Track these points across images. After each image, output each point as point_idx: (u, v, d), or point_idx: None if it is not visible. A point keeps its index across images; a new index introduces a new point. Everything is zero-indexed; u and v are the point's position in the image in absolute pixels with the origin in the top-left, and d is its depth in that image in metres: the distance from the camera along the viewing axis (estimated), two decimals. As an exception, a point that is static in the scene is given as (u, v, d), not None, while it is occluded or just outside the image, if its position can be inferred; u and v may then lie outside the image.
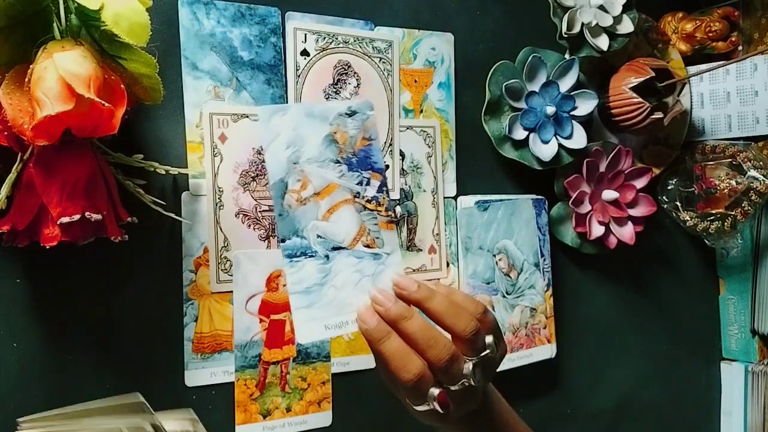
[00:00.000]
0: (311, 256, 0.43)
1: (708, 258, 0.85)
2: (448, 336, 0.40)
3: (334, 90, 0.61)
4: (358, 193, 0.44)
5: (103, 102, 0.40)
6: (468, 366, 0.39)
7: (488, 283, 0.66)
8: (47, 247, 0.43)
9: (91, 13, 0.42)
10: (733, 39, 0.78)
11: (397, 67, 0.64)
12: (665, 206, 0.80)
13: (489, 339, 0.41)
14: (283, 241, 0.42)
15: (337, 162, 0.44)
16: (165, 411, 0.48)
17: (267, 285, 0.57)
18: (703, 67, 0.76)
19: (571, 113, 0.68)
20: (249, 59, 0.57)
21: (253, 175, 0.57)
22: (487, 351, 0.40)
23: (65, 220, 0.42)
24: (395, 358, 0.38)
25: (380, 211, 0.45)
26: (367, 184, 0.45)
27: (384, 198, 0.45)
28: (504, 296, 0.67)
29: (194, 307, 0.55)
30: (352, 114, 0.45)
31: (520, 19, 0.71)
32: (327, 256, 0.43)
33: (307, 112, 0.43)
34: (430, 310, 0.40)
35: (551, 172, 0.70)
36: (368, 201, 0.45)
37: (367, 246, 0.44)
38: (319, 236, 0.43)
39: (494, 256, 0.67)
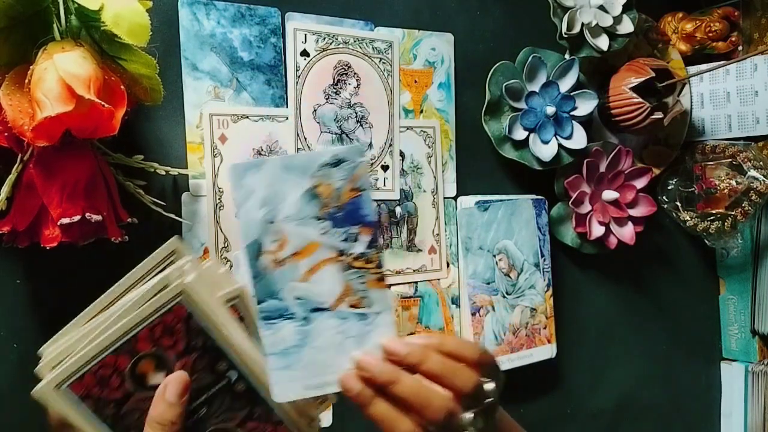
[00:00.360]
0: (289, 318, 0.40)
1: (708, 258, 0.85)
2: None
3: (334, 90, 0.61)
4: (343, 250, 0.40)
5: (103, 103, 0.40)
6: (469, 416, 0.37)
7: (488, 283, 0.66)
8: (47, 248, 0.43)
9: (91, 14, 0.42)
10: (733, 39, 0.78)
11: (397, 68, 0.64)
12: (665, 206, 0.80)
13: (491, 386, 0.39)
14: (259, 303, 0.39)
15: (320, 219, 0.40)
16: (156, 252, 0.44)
17: (267, 285, 0.57)
18: (703, 67, 0.76)
19: (571, 113, 0.68)
20: (249, 60, 0.57)
21: (253, 175, 0.57)
22: (490, 399, 0.38)
23: (65, 220, 0.42)
24: (384, 421, 0.37)
25: (369, 269, 0.40)
26: (355, 240, 0.40)
27: (375, 254, 0.40)
28: (504, 296, 0.67)
29: (194, 307, 0.55)
30: (338, 163, 0.39)
31: (520, 19, 0.71)
32: (306, 318, 0.40)
33: (285, 165, 0.39)
34: (426, 372, 0.38)
35: (551, 173, 0.70)
36: (355, 258, 0.40)
37: (353, 306, 0.40)
38: (298, 298, 0.40)
39: (494, 256, 0.67)
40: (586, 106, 0.69)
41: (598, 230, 0.71)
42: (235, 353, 0.37)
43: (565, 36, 0.68)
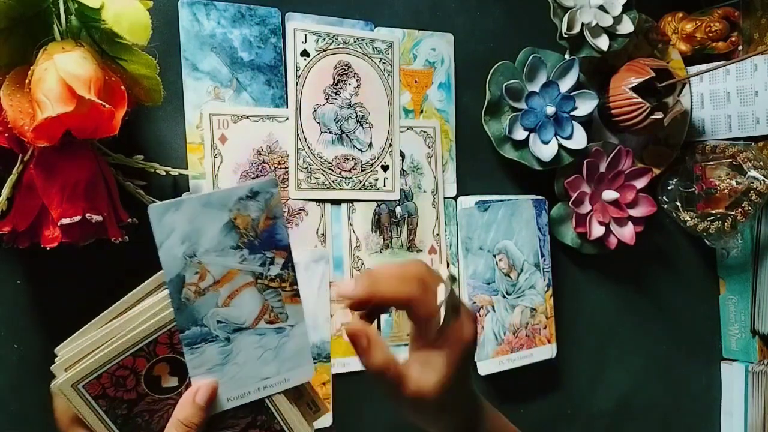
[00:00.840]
0: (211, 341, 0.42)
1: (708, 258, 0.85)
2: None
3: (334, 90, 0.61)
4: (261, 273, 0.43)
5: (103, 103, 0.40)
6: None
7: (488, 284, 0.66)
8: (48, 249, 0.43)
9: (91, 13, 0.42)
10: (733, 39, 0.78)
11: (397, 68, 0.64)
12: (665, 206, 0.80)
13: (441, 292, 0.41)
14: (182, 332, 0.41)
15: (238, 247, 0.42)
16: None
17: (267, 286, 0.57)
18: (703, 67, 0.76)
19: (571, 113, 0.68)
20: (249, 60, 0.57)
21: (253, 175, 0.57)
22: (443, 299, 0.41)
23: (66, 221, 0.42)
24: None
25: (284, 287, 0.44)
26: (271, 263, 0.43)
27: (289, 274, 0.43)
28: (504, 296, 0.67)
29: (195, 307, 0.55)
30: (254, 196, 0.42)
31: (520, 19, 0.71)
32: (228, 338, 0.42)
33: (204, 202, 0.41)
34: (383, 298, 0.41)
35: (551, 173, 0.70)
36: (272, 280, 0.43)
37: (270, 322, 0.44)
38: (219, 321, 0.42)
39: (494, 256, 0.67)
40: (586, 106, 0.69)
41: (598, 230, 0.71)
42: None
43: (565, 36, 0.68)
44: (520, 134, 0.67)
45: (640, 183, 0.72)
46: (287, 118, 0.59)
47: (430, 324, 0.41)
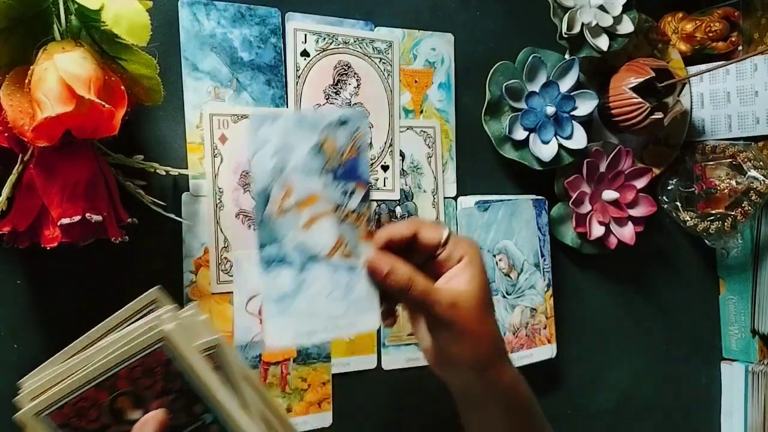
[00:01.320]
0: (287, 265, 0.42)
1: (708, 258, 0.85)
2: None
3: (334, 90, 0.61)
4: (340, 204, 0.44)
5: (103, 103, 0.40)
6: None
7: (489, 283, 0.66)
8: (48, 249, 0.43)
9: (91, 14, 0.42)
10: (733, 39, 0.78)
11: (397, 68, 0.64)
12: (665, 206, 0.80)
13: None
14: (261, 248, 0.42)
15: (323, 172, 0.43)
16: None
17: (267, 285, 0.57)
18: (703, 67, 0.76)
19: (571, 113, 0.68)
20: (249, 60, 0.57)
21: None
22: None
23: (66, 221, 0.42)
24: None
25: (360, 223, 0.44)
26: (351, 195, 0.44)
27: (365, 210, 0.44)
28: (504, 296, 0.67)
29: (195, 307, 0.55)
30: (343, 123, 0.43)
31: (520, 19, 0.71)
32: (302, 266, 0.43)
33: (298, 120, 0.42)
34: (397, 229, 0.44)
35: (551, 173, 0.70)
36: (350, 213, 0.44)
37: (344, 258, 0.44)
38: (296, 246, 0.43)
39: (494, 256, 0.67)
40: (586, 106, 0.69)
41: (598, 230, 0.71)
42: (211, 398, 0.38)
43: (565, 36, 0.68)
44: (520, 134, 0.67)
45: (640, 183, 0.72)
46: (287, 118, 0.59)
47: (436, 246, 0.44)
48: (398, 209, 0.63)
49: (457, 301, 0.43)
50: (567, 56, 0.70)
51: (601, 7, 0.69)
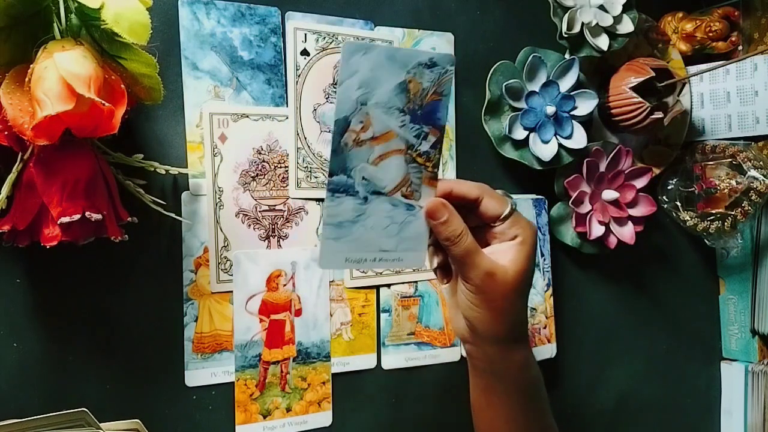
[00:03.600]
0: (351, 195, 0.44)
1: (708, 258, 0.85)
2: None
3: (334, 90, 0.61)
4: (413, 145, 0.45)
5: (103, 102, 0.40)
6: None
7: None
8: (47, 247, 0.43)
9: (91, 13, 0.42)
10: (733, 39, 0.78)
11: (397, 67, 0.64)
12: (665, 206, 0.80)
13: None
14: (331, 175, 0.43)
15: (402, 111, 0.44)
16: (111, 422, 0.49)
17: (267, 285, 0.57)
18: (703, 67, 0.76)
19: (571, 113, 0.68)
20: (249, 59, 0.57)
21: (253, 174, 0.57)
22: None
23: (65, 219, 0.42)
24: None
25: (428, 167, 0.46)
26: (424, 138, 0.45)
27: (435, 154, 0.46)
28: None
29: (194, 307, 0.55)
30: (431, 65, 0.44)
31: (520, 19, 0.71)
32: (366, 198, 0.45)
33: (389, 55, 0.43)
34: (461, 191, 0.47)
35: (551, 172, 0.70)
36: (419, 155, 0.45)
37: (405, 196, 0.46)
38: (364, 178, 0.44)
39: None
40: (586, 105, 0.69)
41: (598, 230, 0.71)
42: None
43: (565, 36, 0.68)
44: (520, 134, 0.67)
45: (640, 183, 0.72)
46: (287, 117, 0.59)
47: (494, 217, 0.46)
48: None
49: (495, 273, 0.44)
50: (567, 56, 0.70)
51: (601, 7, 0.69)
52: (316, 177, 0.60)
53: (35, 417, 0.43)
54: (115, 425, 0.48)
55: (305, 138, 0.59)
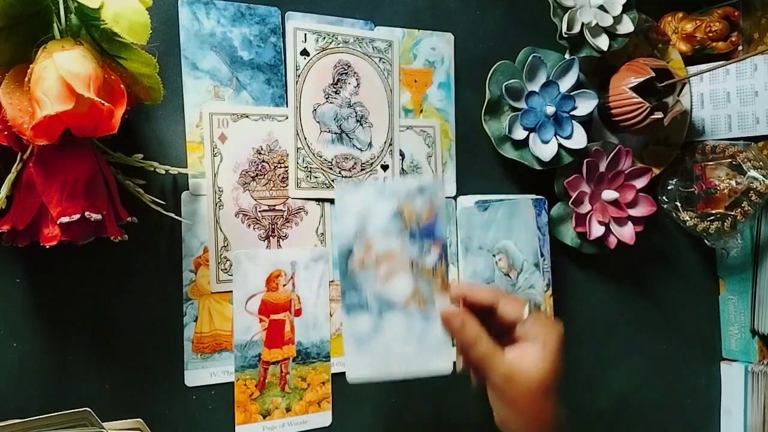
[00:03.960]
0: (366, 311, 0.47)
1: (708, 258, 0.85)
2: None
3: (334, 90, 0.61)
4: (417, 260, 0.48)
5: (102, 102, 0.40)
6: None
7: (488, 283, 0.66)
8: (47, 247, 0.43)
9: (91, 13, 0.42)
10: (733, 39, 0.78)
11: (397, 67, 0.64)
12: (665, 206, 0.79)
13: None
14: (343, 294, 0.47)
15: (401, 234, 0.48)
16: (114, 422, 0.49)
17: (267, 285, 0.57)
18: (703, 67, 0.76)
19: (571, 113, 0.68)
20: (249, 59, 0.57)
21: (252, 175, 0.57)
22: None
23: (65, 219, 0.42)
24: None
25: (435, 278, 0.48)
26: (428, 252, 0.48)
27: (441, 266, 0.48)
28: None
29: (194, 307, 0.55)
30: (421, 191, 0.48)
31: (520, 19, 0.71)
32: (380, 313, 0.47)
33: (378, 190, 0.48)
34: (476, 296, 0.48)
35: (551, 172, 0.70)
36: (425, 268, 0.48)
37: (419, 307, 0.48)
38: (375, 295, 0.47)
39: (494, 256, 0.67)
40: (586, 105, 0.69)
41: (597, 230, 0.71)
42: None
43: (565, 36, 0.68)
44: (519, 134, 0.67)
45: (640, 183, 0.72)
46: (287, 118, 0.59)
47: (514, 322, 0.46)
48: (398, 209, 0.63)
49: (514, 377, 0.44)
50: (567, 56, 0.70)
51: (601, 7, 0.69)
52: (315, 177, 0.60)
53: (38, 417, 0.43)
54: (118, 425, 0.48)
55: (305, 138, 0.59)
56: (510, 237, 0.68)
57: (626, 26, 0.70)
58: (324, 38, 0.60)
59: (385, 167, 0.63)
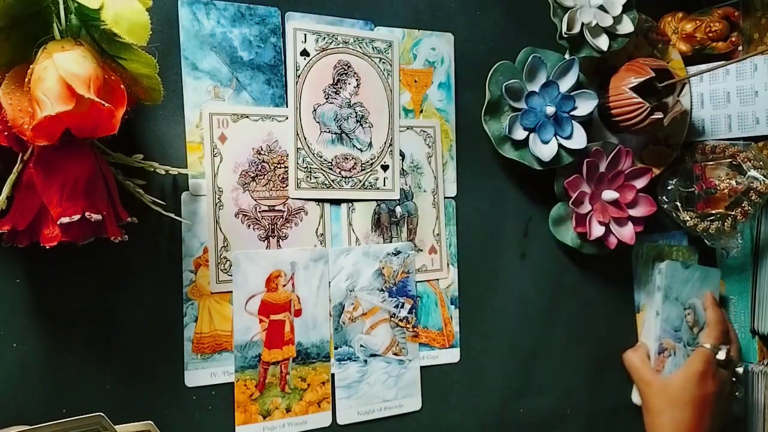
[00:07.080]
0: (354, 361, 0.58)
1: (708, 258, 0.85)
2: None
3: (334, 90, 0.61)
4: (394, 313, 0.60)
5: (103, 102, 0.40)
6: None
7: (676, 331, 0.75)
8: (47, 248, 0.43)
9: (91, 13, 0.42)
10: (733, 39, 0.78)
11: (397, 67, 0.64)
12: (665, 206, 0.79)
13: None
14: (336, 348, 0.58)
15: (382, 290, 0.59)
16: (125, 424, 0.49)
17: (267, 285, 0.57)
18: (703, 67, 0.76)
19: (571, 113, 0.68)
20: (249, 59, 0.57)
21: (252, 175, 0.57)
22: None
23: (65, 220, 0.42)
24: None
25: (408, 328, 0.61)
26: (402, 307, 0.60)
27: (412, 318, 0.61)
28: (685, 346, 0.75)
29: (194, 307, 0.55)
30: (397, 253, 0.60)
31: (520, 19, 0.71)
32: (365, 361, 0.59)
33: (365, 252, 0.59)
34: None
35: (551, 173, 0.70)
36: (400, 320, 0.60)
37: (395, 354, 0.60)
38: (361, 345, 0.58)
39: (685, 309, 0.76)
40: (586, 106, 0.69)
41: (598, 230, 0.71)
42: None
43: (565, 36, 0.68)
44: (519, 134, 0.67)
45: (640, 183, 0.72)
46: (287, 118, 0.59)
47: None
48: (398, 209, 0.63)
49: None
50: (567, 56, 0.70)
51: (601, 7, 0.69)
52: (315, 177, 0.60)
53: (50, 423, 0.43)
54: (129, 427, 0.48)
55: (305, 138, 0.59)
56: (699, 297, 0.78)
57: (626, 26, 0.70)
58: (324, 38, 0.60)
59: (385, 167, 0.63)
